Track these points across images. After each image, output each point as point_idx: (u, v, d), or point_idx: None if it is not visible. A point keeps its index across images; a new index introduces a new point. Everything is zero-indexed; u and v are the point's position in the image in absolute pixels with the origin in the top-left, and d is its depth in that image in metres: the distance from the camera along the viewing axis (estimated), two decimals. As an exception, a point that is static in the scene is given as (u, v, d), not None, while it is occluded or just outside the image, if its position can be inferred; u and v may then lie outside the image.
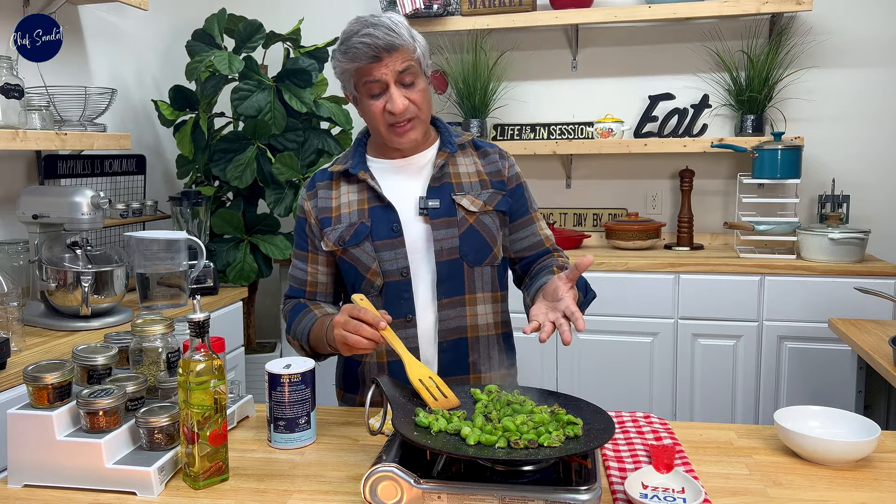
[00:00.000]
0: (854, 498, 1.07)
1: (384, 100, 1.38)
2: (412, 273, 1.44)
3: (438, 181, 1.46)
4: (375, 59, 1.34)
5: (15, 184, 2.33)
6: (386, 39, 1.33)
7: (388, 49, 1.34)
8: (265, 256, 2.76)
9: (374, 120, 1.41)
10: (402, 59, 1.36)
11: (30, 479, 1.13)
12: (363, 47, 1.33)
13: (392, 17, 1.38)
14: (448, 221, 1.44)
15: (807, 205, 3.12)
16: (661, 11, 2.92)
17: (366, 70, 1.36)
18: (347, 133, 2.92)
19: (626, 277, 2.75)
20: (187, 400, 1.09)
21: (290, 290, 1.57)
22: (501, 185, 1.51)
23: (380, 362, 1.47)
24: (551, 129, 3.28)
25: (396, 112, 1.37)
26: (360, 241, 1.44)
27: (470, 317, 1.47)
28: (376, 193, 1.45)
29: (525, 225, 1.55)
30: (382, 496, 1.00)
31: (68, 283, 1.95)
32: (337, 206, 1.48)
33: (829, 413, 1.27)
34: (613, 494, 1.07)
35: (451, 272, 1.44)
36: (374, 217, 1.44)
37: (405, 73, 1.37)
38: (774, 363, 2.70)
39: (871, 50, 3.00)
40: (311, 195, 1.52)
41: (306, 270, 1.53)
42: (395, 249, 1.43)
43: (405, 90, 1.38)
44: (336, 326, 1.26)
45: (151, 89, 3.07)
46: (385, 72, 1.35)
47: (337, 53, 1.39)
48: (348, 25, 1.39)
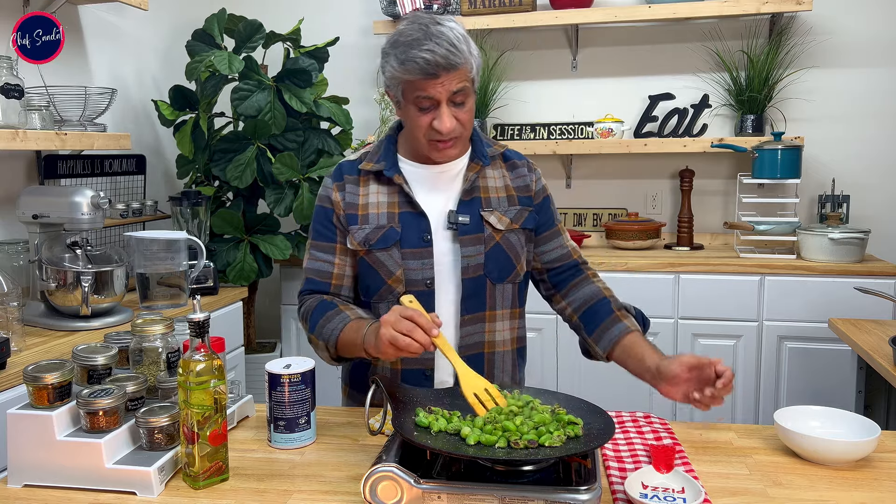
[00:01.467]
0: (854, 498, 1.07)
1: (432, 115, 1.33)
2: (436, 285, 1.41)
3: (469, 195, 1.43)
4: (432, 76, 1.28)
5: (15, 184, 2.33)
6: (447, 58, 1.27)
7: (447, 68, 1.28)
8: (265, 256, 2.76)
9: (417, 131, 1.36)
10: (459, 79, 1.30)
11: (30, 479, 1.13)
12: (422, 63, 1.27)
13: (455, 30, 1.30)
14: (476, 238, 1.42)
15: (807, 205, 3.12)
16: (661, 11, 2.92)
17: (419, 85, 1.30)
18: (347, 133, 2.92)
19: (626, 277, 2.75)
20: (187, 400, 1.09)
21: (309, 283, 1.47)
22: (528, 201, 1.49)
23: (393, 369, 1.44)
24: (551, 129, 3.27)
25: (444, 132, 1.32)
26: (388, 245, 1.40)
27: (489, 333, 1.45)
28: (408, 199, 1.41)
29: (552, 238, 1.52)
30: (382, 496, 1.00)
31: (68, 283, 1.95)
32: (364, 204, 1.43)
33: (829, 413, 1.27)
34: (613, 494, 1.07)
35: (475, 289, 1.42)
36: (405, 223, 1.41)
37: (458, 93, 1.31)
38: (774, 363, 2.69)
39: (871, 50, 3.00)
40: (339, 186, 1.46)
41: (333, 262, 1.45)
42: (422, 259, 1.40)
43: (454, 109, 1.33)
44: (385, 325, 1.19)
45: (151, 89, 3.07)
46: (439, 90, 1.30)
47: (392, 59, 1.32)
48: (407, 26, 1.32)
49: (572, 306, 1.50)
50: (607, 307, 1.45)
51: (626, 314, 1.44)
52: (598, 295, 1.48)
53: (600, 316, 1.44)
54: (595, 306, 1.47)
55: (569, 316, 1.52)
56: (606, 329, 1.42)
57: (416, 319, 1.18)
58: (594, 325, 1.45)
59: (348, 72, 3.40)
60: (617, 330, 1.41)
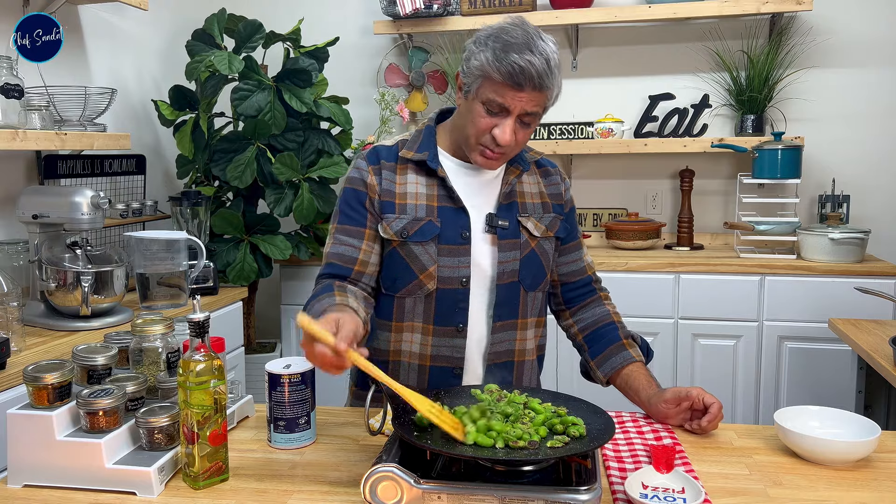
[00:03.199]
0: (854, 498, 1.07)
1: (495, 122, 1.29)
2: (471, 284, 1.39)
3: (508, 199, 1.41)
4: (518, 87, 1.25)
5: (15, 184, 2.33)
6: (541, 77, 1.25)
7: (535, 87, 1.26)
8: (265, 256, 2.76)
9: (473, 130, 1.32)
10: (538, 101, 1.28)
11: (30, 479, 1.13)
12: (517, 69, 1.24)
13: (554, 55, 1.28)
14: (513, 243, 1.40)
15: (807, 205, 3.12)
16: (661, 11, 2.92)
17: (502, 90, 1.26)
18: (347, 133, 2.92)
19: (626, 277, 2.75)
20: (187, 400, 1.09)
21: (329, 267, 1.37)
22: (560, 210, 1.48)
23: (422, 365, 1.40)
24: (551, 128, 3.27)
25: (502, 144, 1.29)
26: (426, 239, 1.36)
27: (519, 341, 1.44)
28: (449, 193, 1.38)
29: (572, 250, 1.52)
30: (382, 496, 1.00)
31: (68, 283, 1.95)
32: (402, 192, 1.38)
33: (829, 413, 1.27)
34: (613, 494, 1.07)
35: (508, 296, 1.40)
36: (444, 218, 1.37)
37: (530, 115, 1.30)
38: (774, 363, 2.69)
39: (871, 50, 3.00)
40: (375, 170, 1.40)
41: (360, 248, 1.38)
42: (459, 257, 1.37)
43: (518, 127, 1.30)
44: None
45: (151, 89, 3.07)
46: (517, 104, 1.27)
47: (488, 51, 1.27)
48: (511, 26, 1.29)
49: (578, 325, 1.51)
50: (614, 333, 1.45)
51: (631, 343, 1.45)
52: (607, 318, 1.48)
53: (606, 341, 1.45)
54: (602, 330, 1.47)
55: (574, 335, 1.52)
56: (610, 356, 1.43)
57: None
58: (599, 349, 1.45)
59: (348, 72, 3.40)
60: (620, 358, 1.42)
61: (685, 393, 1.30)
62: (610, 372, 1.43)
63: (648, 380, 1.39)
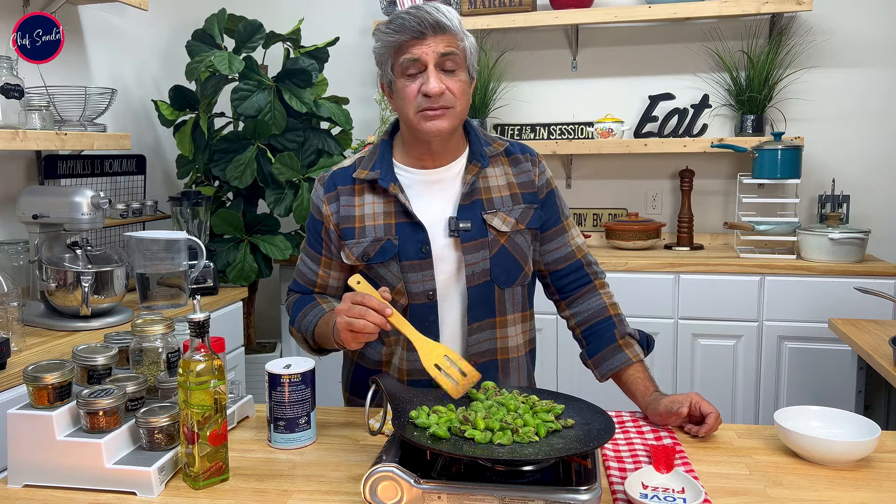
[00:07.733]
0: (854, 498, 1.07)
1: (420, 81, 1.30)
2: (439, 295, 1.38)
3: (469, 198, 1.39)
4: (420, 34, 1.28)
5: (15, 184, 2.33)
6: (434, 17, 1.28)
7: (434, 28, 1.28)
8: (265, 256, 2.76)
9: (405, 103, 1.32)
10: (447, 42, 1.29)
11: (30, 479, 1.13)
12: (410, 19, 1.27)
13: (445, 6, 1.32)
14: (479, 244, 1.38)
15: (807, 205, 3.12)
16: (661, 11, 2.92)
17: (406, 46, 1.29)
18: (347, 133, 2.92)
19: (626, 277, 2.75)
20: (187, 400, 1.09)
21: (295, 284, 1.50)
22: (533, 198, 1.44)
23: (399, 379, 1.41)
24: (551, 128, 3.28)
25: (431, 93, 1.28)
26: (386, 259, 1.37)
27: (500, 339, 1.43)
28: (404, 208, 1.37)
29: (556, 235, 1.47)
30: (382, 496, 1.00)
31: (68, 283, 1.95)
32: (361, 215, 1.40)
33: (829, 413, 1.27)
34: (613, 494, 1.07)
35: (481, 296, 1.39)
36: (402, 235, 1.37)
37: (447, 56, 1.29)
38: (774, 363, 2.69)
39: (871, 50, 3.00)
40: (330, 198, 1.42)
41: (317, 273, 1.47)
42: (422, 271, 1.36)
43: (444, 76, 1.30)
44: (339, 314, 1.19)
45: (151, 89, 3.07)
46: (426, 51, 1.28)
47: (381, 27, 1.32)
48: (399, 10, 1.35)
49: (576, 319, 1.49)
50: (611, 331, 1.43)
51: (629, 342, 1.42)
52: (603, 313, 1.46)
53: (603, 341, 1.43)
54: (598, 327, 1.45)
55: (572, 327, 1.51)
56: (607, 357, 1.42)
57: (366, 303, 1.17)
58: (596, 348, 1.44)
59: (348, 72, 3.40)
60: (617, 361, 1.41)
61: (677, 408, 1.29)
62: (607, 374, 1.43)
63: (645, 385, 1.38)
